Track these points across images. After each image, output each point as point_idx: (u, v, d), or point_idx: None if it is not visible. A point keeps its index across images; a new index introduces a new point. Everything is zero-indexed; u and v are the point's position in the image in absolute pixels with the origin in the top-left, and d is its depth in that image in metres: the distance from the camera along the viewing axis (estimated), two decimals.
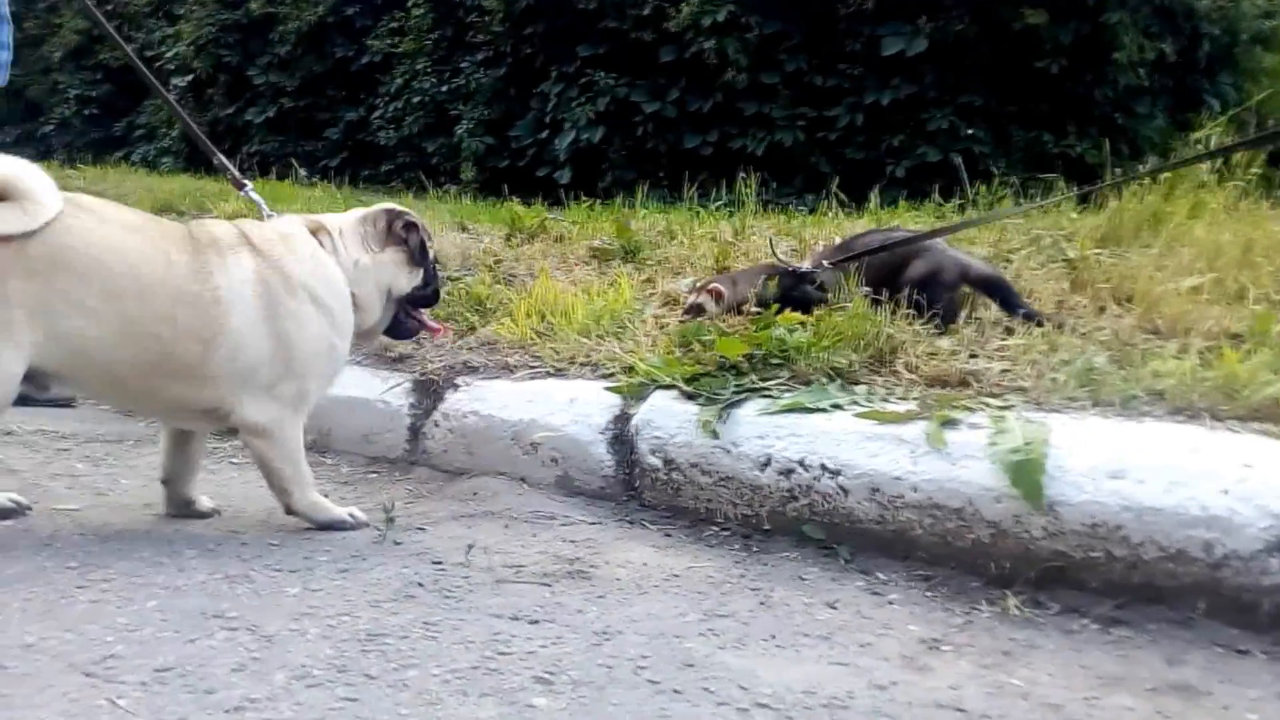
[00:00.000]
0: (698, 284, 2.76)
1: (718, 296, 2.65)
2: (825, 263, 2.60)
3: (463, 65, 7.57)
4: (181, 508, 1.94)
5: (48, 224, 1.59)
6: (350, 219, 2.04)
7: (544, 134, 7.24)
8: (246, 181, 2.42)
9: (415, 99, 7.71)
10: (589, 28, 6.99)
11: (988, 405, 1.81)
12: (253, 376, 1.78)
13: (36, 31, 9.14)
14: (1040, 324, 2.15)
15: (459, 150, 7.54)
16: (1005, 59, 5.99)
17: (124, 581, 1.50)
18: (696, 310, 2.64)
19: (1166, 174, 2.59)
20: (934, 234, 2.50)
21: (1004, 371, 1.95)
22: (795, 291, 2.55)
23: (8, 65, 2.76)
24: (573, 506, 2.11)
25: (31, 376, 1.67)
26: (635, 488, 2.12)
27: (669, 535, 1.96)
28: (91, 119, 9.11)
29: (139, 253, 1.69)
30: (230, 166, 2.46)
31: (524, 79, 7.39)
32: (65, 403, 2.87)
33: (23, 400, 2.80)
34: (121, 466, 2.32)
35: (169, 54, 8.57)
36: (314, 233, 1.95)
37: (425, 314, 2.17)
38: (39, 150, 9.12)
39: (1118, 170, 4.27)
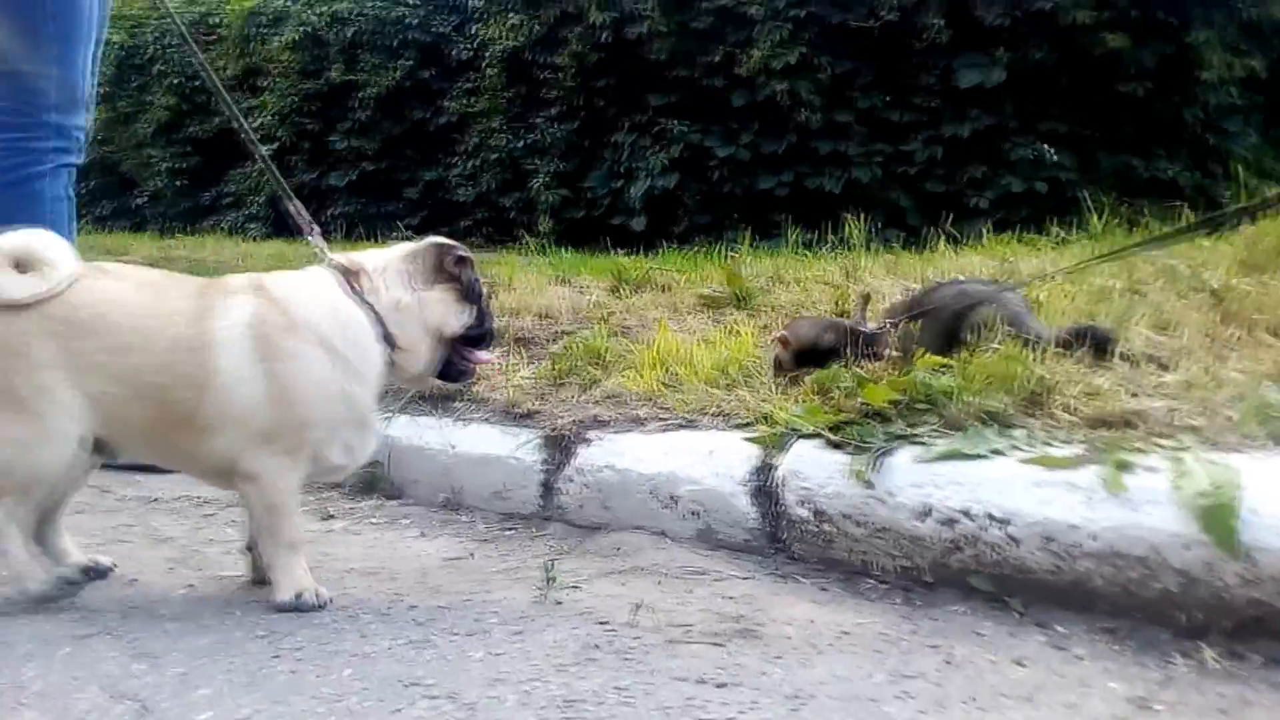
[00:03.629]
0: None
1: (784, 343, 2.54)
2: (886, 322, 2.55)
3: (536, 121, 7.71)
4: (264, 573, 1.84)
5: (66, 289, 1.66)
6: (395, 255, 1.93)
7: (618, 184, 7.32)
8: (315, 226, 2.34)
9: (491, 156, 7.87)
10: (659, 77, 7.09)
11: (1161, 446, 1.75)
12: (248, 422, 1.71)
13: (129, 109, 9.57)
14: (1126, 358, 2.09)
15: (534, 204, 7.67)
16: (1087, 85, 5.91)
17: (314, 649, 1.51)
18: (776, 364, 2.55)
19: None
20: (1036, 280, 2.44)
21: (1170, 410, 1.89)
22: (851, 348, 2.47)
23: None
24: (719, 561, 2.08)
25: (99, 446, 1.74)
26: (782, 540, 2.09)
27: (825, 590, 1.92)
28: (181, 190, 9.46)
29: (144, 306, 1.72)
30: (301, 210, 2.39)
31: (596, 131, 7.50)
32: None
33: (156, 467, 2.91)
34: None
35: (253, 124, 8.89)
36: (349, 275, 1.86)
37: (480, 352, 2.04)
38: (133, 222, 9.53)
39: (1226, 194, 4.16)
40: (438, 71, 8.24)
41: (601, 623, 1.71)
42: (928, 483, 1.87)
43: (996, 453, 1.85)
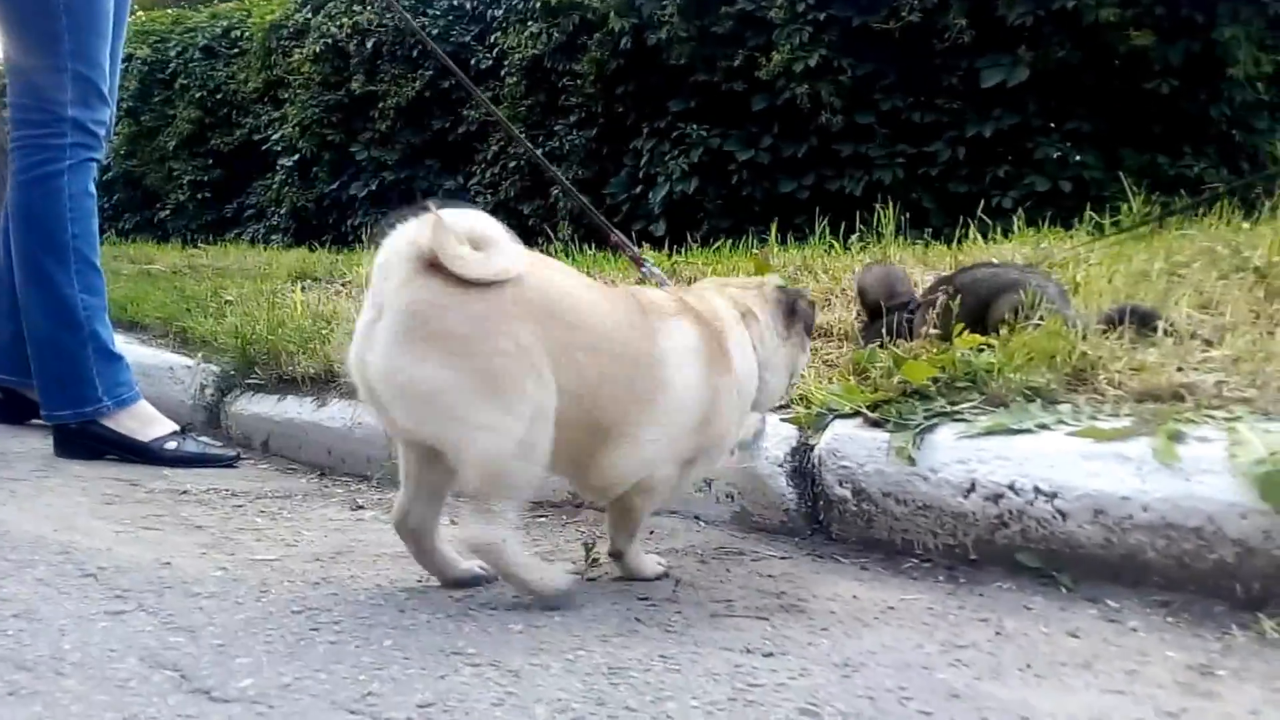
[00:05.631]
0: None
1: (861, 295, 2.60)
2: (924, 299, 2.53)
3: (556, 128, 7.72)
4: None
5: (528, 270, 1.51)
6: (757, 298, 1.87)
7: (638, 189, 7.31)
8: (646, 259, 2.39)
9: (511, 164, 7.88)
10: (679, 82, 7.08)
11: (1213, 417, 1.71)
12: (678, 439, 1.67)
13: (152, 123, 9.66)
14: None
15: (555, 210, 7.67)
16: (1112, 82, 5.85)
17: (353, 623, 1.49)
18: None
19: None
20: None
21: (1219, 383, 1.84)
22: (889, 321, 2.49)
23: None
24: (756, 542, 2.05)
25: None
26: (821, 521, 2.05)
27: (866, 568, 1.88)
28: (204, 202, 9.54)
29: (605, 310, 1.60)
30: (628, 244, 2.43)
31: (616, 137, 7.50)
32: (228, 462, 2.94)
33: (187, 461, 2.91)
34: (298, 519, 2.35)
35: (275, 136, 8.97)
36: (741, 314, 1.83)
37: None
38: (157, 235, 9.60)
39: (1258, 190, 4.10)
40: (458, 81, 8.28)
41: (642, 598, 1.69)
42: (972, 458, 1.84)
43: (1042, 427, 1.81)
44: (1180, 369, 1.93)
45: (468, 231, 1.46)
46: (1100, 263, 2.61)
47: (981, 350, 2.05)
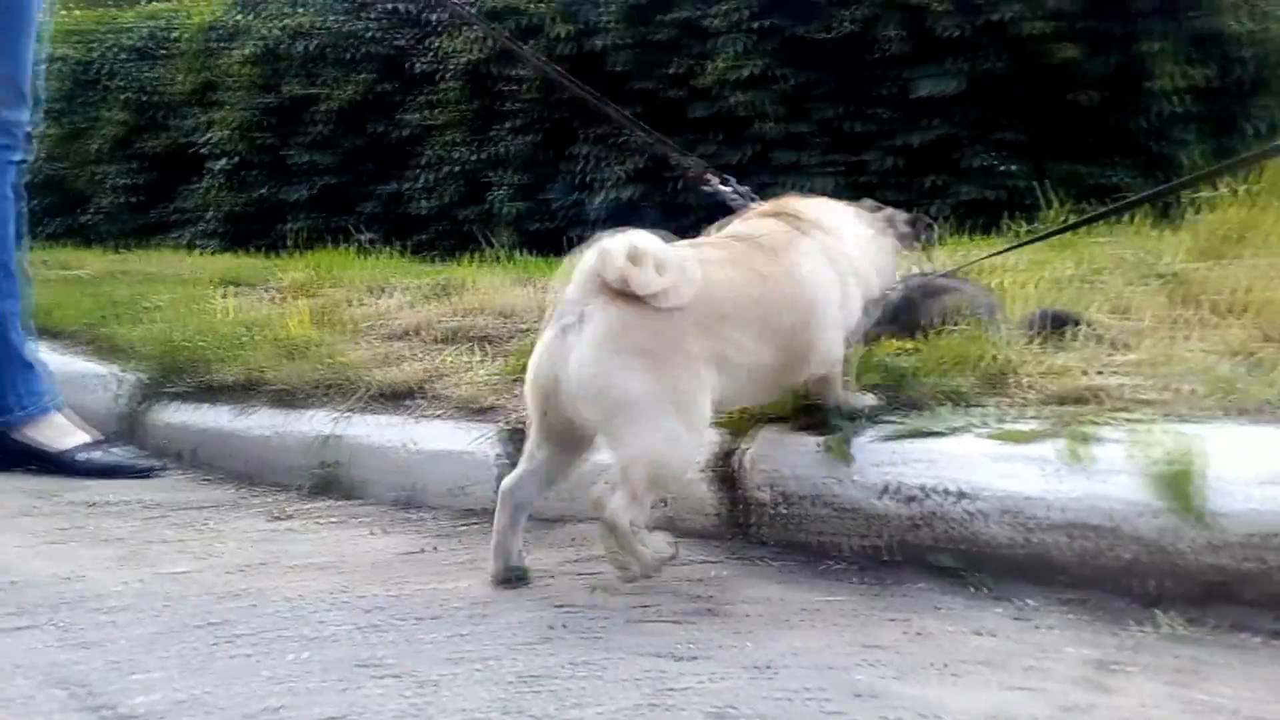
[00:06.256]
0: None
1: None
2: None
3: (496, 133, 7.68)
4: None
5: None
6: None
7: (579, 195, 7.31)
8: (729, 179, 2.55)
9: (450, 169, 7.81)
10: (620, 89, 7.08)
11: (1120, 419, 1.76)
12: (835, 341, 1.91)
13: (80, 125, 9.38)
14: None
15: (494, 216, 7.62)
16: (1040, 94, 6.00)
17: (262, 636, 1.46)
18: None
19: (1250, 187, 2.56)
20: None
21: (1127, 386, 1.90)
22: None
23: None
24: (683, 547, 2.03)
25: None
26: (745, 525, 2.07)
27: (790, 571, 1.90)
28: (133, 207, 9.26)
29: (749, 280, 1.80)
30: (703, 165, 2.66)
31: (557, 143, 7.48)
32: (147, 472, 2.87)
33: (104, 472, 2.83)
34: (216, 531, 2.29)
35: (206, 139, 8.76)
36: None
37: None
38: (82, 239, 9.31)
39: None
40: (398, 85, 8.18)
41: (560, 606, 1.68)
42: (890, 461, 1.86)
43: (958, 430, 1.85)
44: (1094, 372, 1.99)
45: (652, 255, 1.64)
46: (1019, 269, 2.68)
47: (903, 355, 2.09)
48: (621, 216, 7.46)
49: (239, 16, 8.68)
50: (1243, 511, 1.52)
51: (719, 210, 2.41)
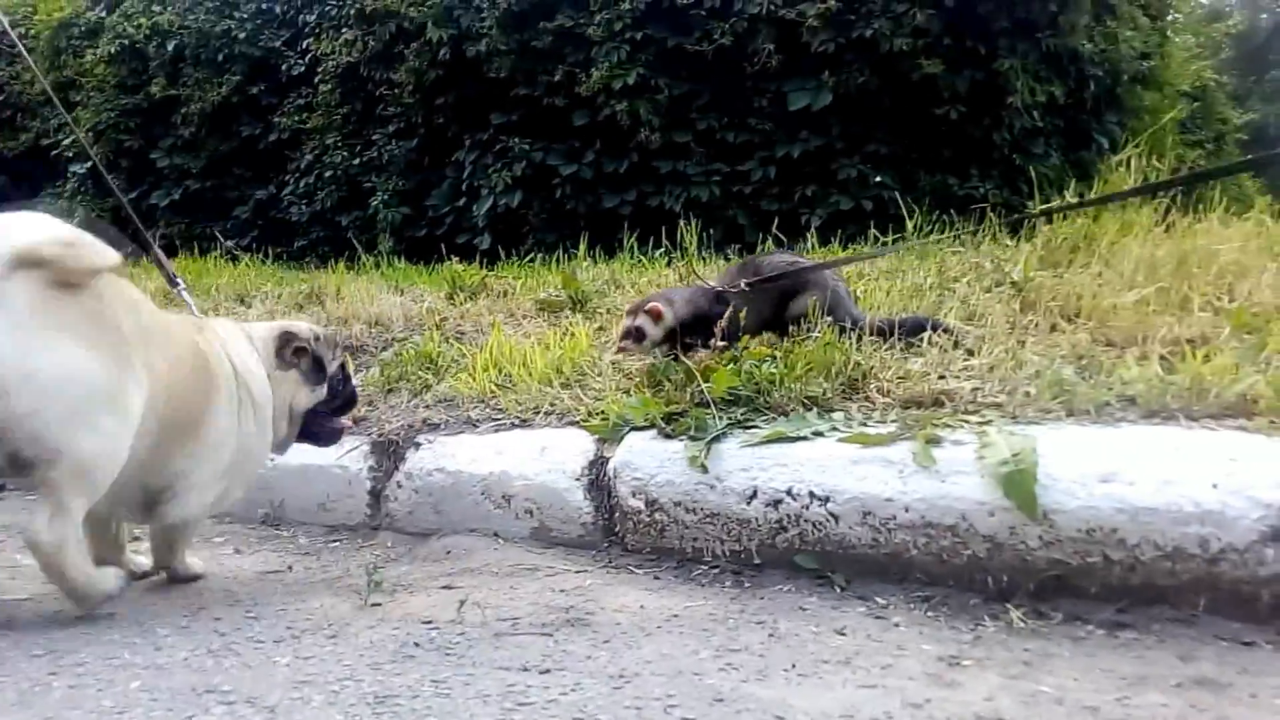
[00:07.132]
0: (633, 306, 2.50)
1: (657, 316, 2.41)
2: (743, 283, 2.52)
3: (374, 138, 7.50)
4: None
5: None
6: (265, 332, 2.05)
7: (461, 201, 7.20)
8: (180, 280, 2.45)
9: (327, 173, 7.59)
10: (501, 95, 7.03)
11: (968, 422, 1.83)
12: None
13: None
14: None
15: (374, 222, 7.44)
16: (907, 108, 6.24)
17: (99, 665, 1.37)
18: (637, 333, 2.41)
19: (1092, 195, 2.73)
20: (846, 261, 2.55)
21: (975, 389, 1.98)
22: (714, 311, 2.44)
23: None
24: (554, 557, 2.04)
25: None
26: (616, 532, 2.07)
27: (658, 578, 1.91)
28: None
29: None
30: (166, 263, 2.52)
31: (438, 148, 7.36)
32: None
33: None
34: None
35: (66, 141, 8.29)
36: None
37: (339, 419, 2.17)
38: None
39: (1029, 205, 4.48)
40: (268, 87, 7.91)
41: (425, 622, 1.64)
42: (754, 466, 1.90)
43: (817, 434, 1.89)
44: (942, 377, 2.07)
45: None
46: (878, 276, 2.77)
47: (766, 361, 2.13)
48: (505, 223, 7.38)
49: (94, 14, 8.24)
50: (1079, 508, 1.61)
51: None
